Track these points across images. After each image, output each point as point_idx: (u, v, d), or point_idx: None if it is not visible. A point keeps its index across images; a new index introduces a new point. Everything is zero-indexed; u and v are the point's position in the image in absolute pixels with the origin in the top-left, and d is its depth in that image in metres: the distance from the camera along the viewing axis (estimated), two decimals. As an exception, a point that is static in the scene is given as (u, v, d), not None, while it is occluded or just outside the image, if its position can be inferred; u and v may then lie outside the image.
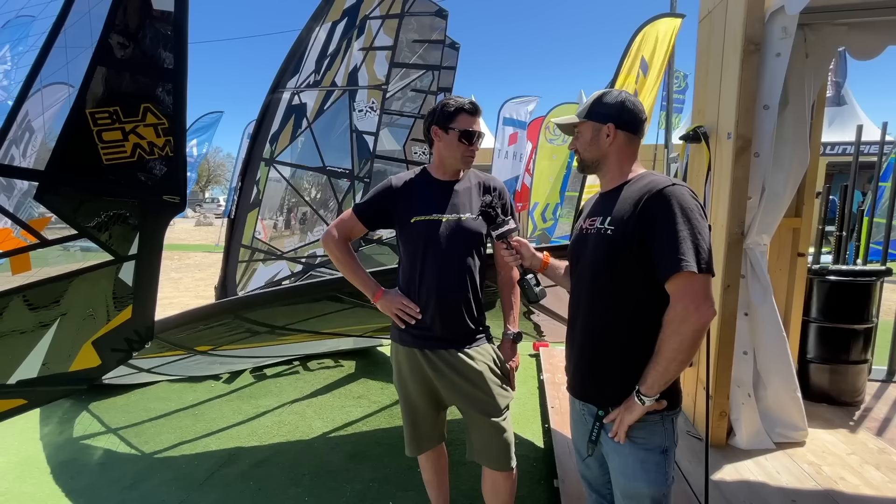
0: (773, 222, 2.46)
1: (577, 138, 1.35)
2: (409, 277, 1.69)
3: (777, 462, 2.34)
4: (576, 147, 1.36)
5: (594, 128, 1.30)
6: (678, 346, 1.13)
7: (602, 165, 1.33)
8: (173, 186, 1.50)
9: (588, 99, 1.35)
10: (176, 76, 1.46)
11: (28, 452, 2.72)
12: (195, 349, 2.82)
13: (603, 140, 1.29)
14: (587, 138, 1.32)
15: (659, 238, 1.15)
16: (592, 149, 1.32)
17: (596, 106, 1.31)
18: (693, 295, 1.12)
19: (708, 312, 1.12)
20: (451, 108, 1.65)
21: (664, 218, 1.15)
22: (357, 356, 4.38)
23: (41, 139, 1.56)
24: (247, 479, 2.46)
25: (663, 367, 1.15)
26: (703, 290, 1.13)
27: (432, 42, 4.71)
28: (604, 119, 1.29)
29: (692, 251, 1.12)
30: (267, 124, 4.08)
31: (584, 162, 1.36)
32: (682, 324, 1.12)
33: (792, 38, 2.16)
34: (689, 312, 1.11)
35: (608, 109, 1.29)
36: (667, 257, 1.13)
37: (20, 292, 1.46)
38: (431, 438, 1.84)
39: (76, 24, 1.40)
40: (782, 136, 2.41)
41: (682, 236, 1.13)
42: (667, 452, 1.23)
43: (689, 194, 1.18)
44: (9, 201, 1.67)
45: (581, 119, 1.32)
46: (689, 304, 1.12)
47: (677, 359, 1.14)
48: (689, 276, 1.11)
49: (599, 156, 1.31)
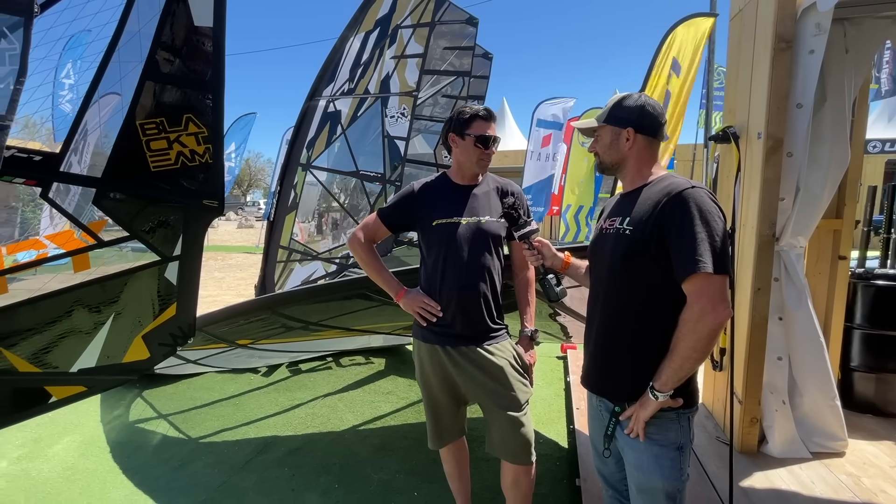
0: (810, 224, 2.38)
1: (596, 141, 1.39)
2: (430, 277, 1.76)
3: (812, 471, 2.26)
4: (595, 150, 1.40)
5: (613, 132, 1.34)
6: (693, 344, 1.16)
7: (621, 168, 1.36)
8: (213, 191, 1.60)
9: (608, 102, 1.37)
10: (215, 87, 1.57)
11: (92, 433, 2.99)
12: (236, 342, 3.02)
13: (622, 144, 1.33)
14: (606, 142, 1.35)
15: (677, 239, 1.18)
16: (612, 152, 1.35)
17: (615, 110, 1.34)
18: (710, 295, 1.15)
19: (724, 313, 1.15)
20: (467, 116, 1.73)
21: (682, 220, 1.18)
22: (386, 354, 4.51)
23: (94, 146, 1.68)
24: (282, 466, 2.62)
25: (678, 365, 1.18)
26: (719, 291, 1.15)
27: (462, 49, 4.80)
28: (623, 123, 1.32)
29: (709, 252, 1.14)
30: (304, 131, 4.28)
31: (603, 164, 1.39)
32: (697, 323, 1.15)
33: (826, 34, 2.10)
34: (705, 312, 1.14)
35: (627, 113, 1.32)
36: (684, 258, 1.16)
37: (81, 289, 1.60)
38: (452, 432, 1.90)
39: (128, 43, 1.53)
40: (819, 135, 2.33)
41: (700, 238, 1.15)
42: (682, 449, 1.25)
43: (707, 197, 1.20)
44: (66, 203, 1.83)
45: (600, 123, 1.36)
46: (705, 304, 1.14)
47: (692, 357, 1.17)
48: (705, 276, 1.14)
49: (619, 159, 1.35)
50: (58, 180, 1.50)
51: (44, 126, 4.16)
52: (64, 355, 1.61)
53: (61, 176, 1.49)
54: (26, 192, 4.64)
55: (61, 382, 1.64)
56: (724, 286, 1.16)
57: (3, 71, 1.23)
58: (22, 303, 1.54)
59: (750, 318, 2.34)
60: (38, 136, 3.31)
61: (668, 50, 5.33)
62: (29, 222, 5.00)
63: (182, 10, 1.51)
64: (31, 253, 1.90)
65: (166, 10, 1.50)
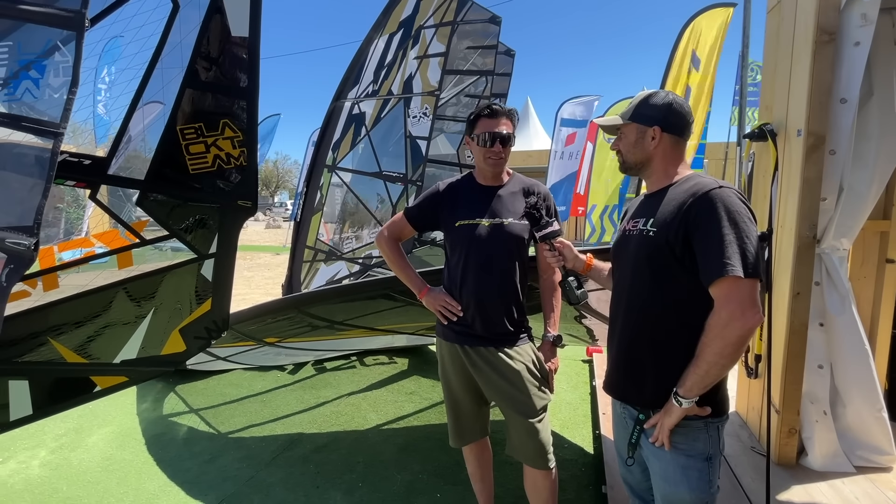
0: (854, 225, 2.26)
1: (620, 139, 1.35)
2: (452, 277, 1.76)
3: (856, 487, 2.14)
4: (619, 148, 1.35)
5: (638, 130, 1.30)
6: (720, 350, 1.11)
7: (646, 168, 1.32)
8: (247, 192, 1.67)
9: (634, 99, 1.34)
10: (249, 94, 1.63)
11: (128, 425, 3.12)
12: (264, 340, 3.09)
13: (648, 142, 1.29)
14: (631, 140, 1.31)
15: (704, 241, 1.14)
16: (636, 151, 1.31)
17: (641, 107, 1.30)
18: (739, 300, 1.09)
19: (754, 318, 1.09)
20: (473, 116, 1.73)
21: (709, 221, 1.13)
22: (410, 354, 4.53)
23: (134, 150, 1.78)
24: (307, 463, 2.66)
25: (704, 371, 1.13)
26: (749, 296, 1.10)
27: (485, 48, 4.78)
28: (649, 121, 1.28)
29: (738, 255, 1.09)
30: (330, 133, 4.35)
31: (626, 164, 1.35)
32: (725, 328, 1.10)
33: (873, 25, 1.99)
34: (734, 318, 1.09)
35: (654, 111, 1.28)
36: (712, 261, 1.11)
37: (125, 284, 1.69)
38: (474, 431, 1.89)
39: (170, 53, 1.62)
40: (865, 132, 2.21)
41: (728, 240, 1.10)
42: (711, 460, 1.20)
43: (736, 197, 1.16)
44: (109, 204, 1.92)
45: (625, 120, 1.32)
46: (734, 310, 1.09)
47: (719, 363, 1.12)
48: (734, 280, 1.09)
49: (644, 158, 1.31)
50: (105, 183, 1.58)
51: (86, 131, 4.36)
52: (108, 347, 1.70)
53: (109, 178, 1.57)
54: (71, 194, 4.87)
55: (105, 373, 1.73)
56: (755, 290, 1.10)
57: (58, 82, 1.31)
58: (71, 297, 1.63)
59: (788, 323, 2.24)
60: (82, 140, 3.47)
61: (687, 44, 5.16)
62: (73, 222, 5.25)
63: (220, 22, 1.58)
64: (79, 251, 2.00)
65: (206, 21, 1.57)
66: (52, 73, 1.33)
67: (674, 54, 5.00)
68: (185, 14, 1.61)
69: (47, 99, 1.31)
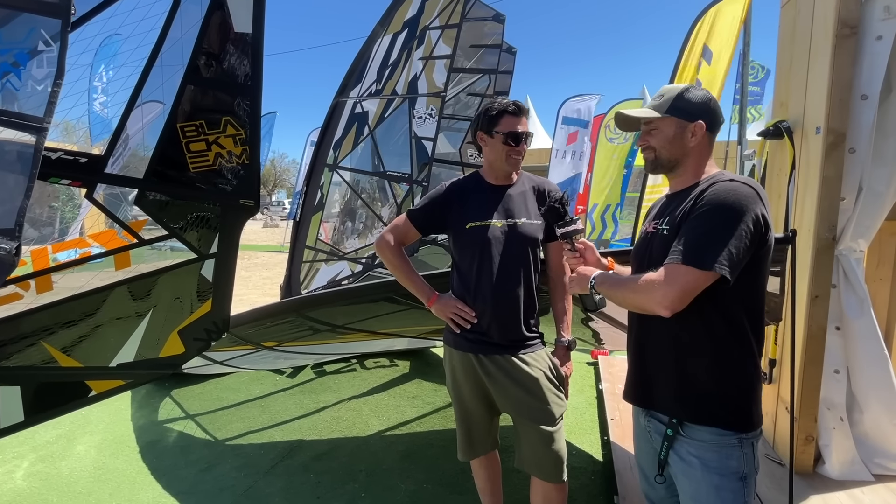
0: (872, 226, 2.19)
1: (652, 135, 1.24)
2: (464, 282, 1.68)
3: (876, 496, 2.07)
4: (649, 143, 1.25)
5: (678, 125, 1.21)
6: (625, 297, 1.19)
7: (679, 165, 1.24)
8: (249, 191, 1.62)
9: (666, 92, 1.25)
10: (252, 91, 1.58)
11: (121, 432, 3.02)
12: (262, 344, 3.00)
13: (687, 138, 1.21)
14: (668, 135, 1.22)
15: (685, 228, 1.11)
16: (674, 147, 1.22)
17: (680, 101, 1.21)
18: (681, 289, 1.07)
19: (663, 310, 1.08)
20: (494, 112, 1.63)
21: (699, 211, 1.10)
22: (411, 357, 4.45)
23: (132, 149, 1.74)
24: (308, 471, 2.58)
25: (611, 288, 1.23)
26: (683, 285, 1.06)
27: (489, 47, 4.70)
28: (691, 117, 1.21)
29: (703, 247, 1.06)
30: (331, 132, 4.26)
31: (658, 161, 1.25)
32: (642, 291, 1.12)
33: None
34: (655, 291, 1.09)
35: (695, 107, 1.21)
36: (680, 244, 1.09)
37: (122, 285, 1.63)
38: (485, 444, 1.82)
39: (170, 49, 1.57)
40: (884, 129, 2.14)
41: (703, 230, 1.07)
42: (746, 479, 1.13)
43: (740, 191, 1.09)
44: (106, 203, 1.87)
45: (662, 114, 1.22)
46: (670, 293, 1.07)
47: (617, 298, 1.21)
48: (681, 265, 1.07)
49: (680, 155, 1.23)
50: (102, 181, 1.53)
51: (81, 128, 4.25)
52: (104, 350, 1.65)
53: (105, 177, 1.53)
54: (66, 193, 4.77)
55: (101, 377, 1.67)
56: (695, 285, 1.06)
57: (42, 73, 1.25)
58: (65, 299, 1.58)
59: (806, 327, 2.17)
60: (76, 138, 3.38)
61: (699, 36, 5.05)
62: (68, 222, 5.14)
63: (222, 17, 1.54)
64: (75, 252, 1.95)
65: (207, 17, 1.53)
66: (36, 64, 1.27)
67: (685, 46, 4.86)
68: (185, 9, 1.57)
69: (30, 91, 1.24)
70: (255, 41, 1.57)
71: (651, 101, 1.26)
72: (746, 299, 1.12)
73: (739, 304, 1.10)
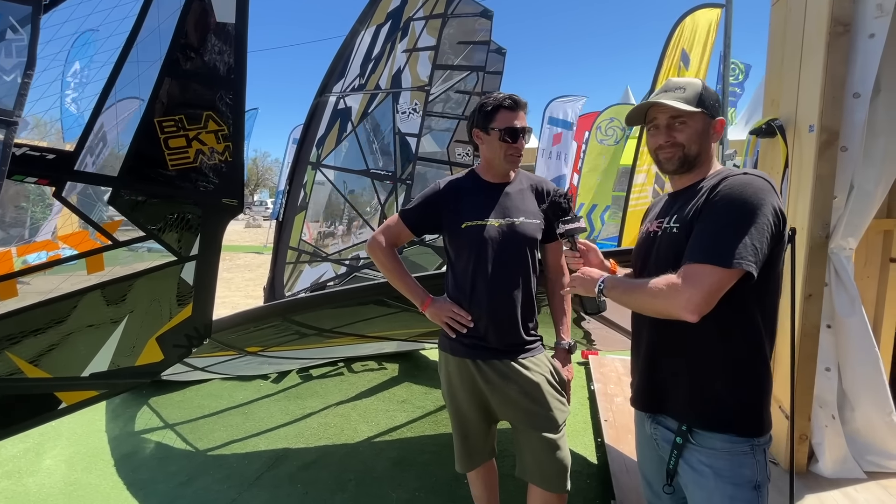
0: (861, 224, 2.20)
1: (679, 129, 1.16)
2: (460, 285, 1.62)
3: (870, 494, 2.08)
4: (676, 140, 1.16)
5: (705, 120, 1.16)
6: (643, 303, 1.11)
7: (698, 164, 1.19)
8: (232, 190, 1.55)
9: (688, 86, 1.18)
10: (235, 85, 1.51)
11: (94, 444, 2.87)
12: (246, 350, 2.88)
13: (711, 135, 1.18)
14: (698, 130, 1.16)
15: (700, 225, 1.06)
16: (702, 143, 1.17)
17: (705, 96, 1.16)
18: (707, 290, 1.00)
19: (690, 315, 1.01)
20: (490, 107, 1.56)
21: (713, 206, 1.05)
22: (400, 359, 4.37)
23: (111, 148, 1.65)
24: (294, 482, 2.48)
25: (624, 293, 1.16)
26: (709, 287, 1.00)
27: (477, 43, 4.64)
28: (715, 113, 1.17)
29: (724, 244, 1.00)
30: (313, 129, 4.15)
31: (686, 157, 1.16)
32: (663, 296, 1.04)
33: (889, 15, 1.92)
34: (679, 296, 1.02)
35: (715, 104, 1.17)
36: (696, 243, 1.04)
37: (95, 290, 1.55)
38: (483, 454, 1.76)
39: (147, 39, 1.48)
40: (873, 129, 2.15)
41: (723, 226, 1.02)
42: (760, 489, 1.09)
43: (756, 184, 1.04)
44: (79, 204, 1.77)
45: (694, 108, 1.15)
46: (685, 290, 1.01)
47: (633, 304, 1.16)
48: (704, 265, 1.01)
49: (702, 151, 1.18)
50: (72, 179, 1.45)
51: (53, 125, 4.07)
52: (75, 359, 1.57)
53: (76, 175, 1.45)
54: (36, 192, 4.56)
55: (72, 388, 1.60)
56: (720, 286, 1.01)
57: (10, 63, 1.17)
58: (32, 306, 1.50)
59: (800, 326, 2.16)
60: (48, 135, 3.22)
61: (678, 42, 5.24)
62: (38, 222, 4.91)
63: (203, 6, 1.47)
64: (43, 254, 1.84)
65: (187, 5, 1.45)
66: (4, 53, 1.18)
67: (665, 51, 5.01)
68: (164, -4, 1.48)
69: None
70: (238, 32, 1.49)
71: (669, 94, 1.17)
72: (761, 298, 1.08)
73: (754, 303, 1.06)
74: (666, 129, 1.17)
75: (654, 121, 1.20)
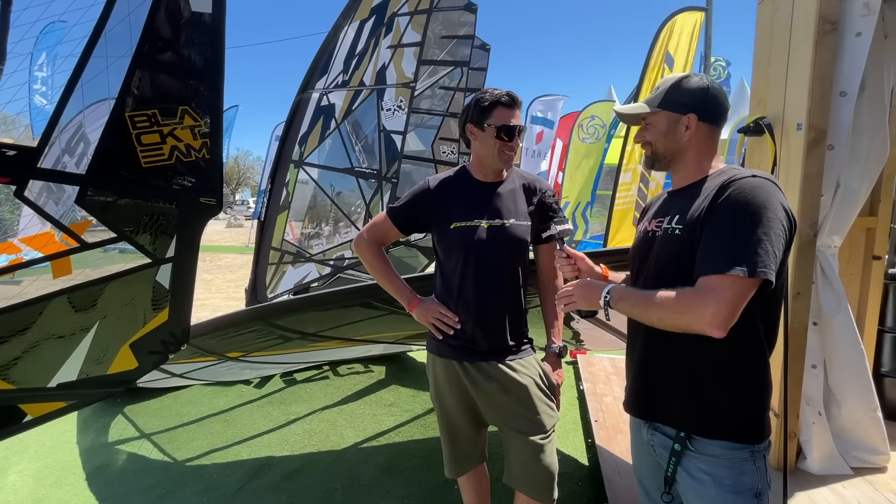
0: (846, 222, 2.22)
1: (647, 129, 1.19)
2: (448, 286, 1.57)
3: (857, 490, 2.10)
4: (645, 139, 1.19)
5: (670, 118, 1.14)
6: (662, 318, 1.02)
7: (677, 161, 1.17)
8: (210, 188, 1.48)
9: (662, 84, 1.18)
10: (213, 78, 1.43)
11: (64, 457, 2.73)
12: (227, 355, 2.77)
13: (681, 132, 1.14)
14: (661, 129, 1.16)
15: (710, 231, 1.01)
16: (668, 142, 1.16)
17: (673, 93, 1.14)
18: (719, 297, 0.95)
19: (716, 330, 0.95)
20: (486, 103, 1.51)
21: (725, 210, 1.00)
22: (387, 361, 4.29)
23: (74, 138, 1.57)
24: (278, 492, 2.39)
25: (637, 310, 1.07)
26: (732, 298, 0.95)
27: (461, 38, 4.59)
28: (683, 109, 1.13)
29: (743, 251, 0.95)
30: (296, 126, 4.05)
31: (655, 156, 1.19)
32: (685, 311, 0.97)
33: (876, 14, 1.93)
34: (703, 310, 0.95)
35: (688, 98, 1.13)
36: (710, 252, 0.99)
37: (60, 296, 1.45)
38: (472, 458, 1.71)
39: (116, 28, 1.39)
40: (858, 127, 2.16)
41: (738, 232, 0.97)
42: (760, 496, 1.06)
43: (767, 188, 1.01)
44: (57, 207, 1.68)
45: (653, 108, 1.16)
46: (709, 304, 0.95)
47: (648, 318, 1.05)
48: (726, 276, 0.95)
49: (675, 150, 1.16)
50: (35, 177, 1.36)
51: (20, 121, 3.86)
52: (41, 369, 1.47)
53: (39, 173, 1.35)
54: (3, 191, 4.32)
55: (38, 399, 1.50)
56: (743, 296, 0.96)
57: None
58: None
59: (788, 324, 2.16)
60: (14, 131, 3.05)
61: (663, 44, 5.35)
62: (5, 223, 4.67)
63: None
64: (4, 258, 1.72)
65: None
66: None
67: (651, 53, 5.06)
68: (135, -18, 1.40)
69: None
70: (215, 21, 1.41)
71: (649, 95, 1.20)
72: (764, 303, 1.04)
73: (757, 307, 1.03)
74: (640, 129, 1.21)
75: None
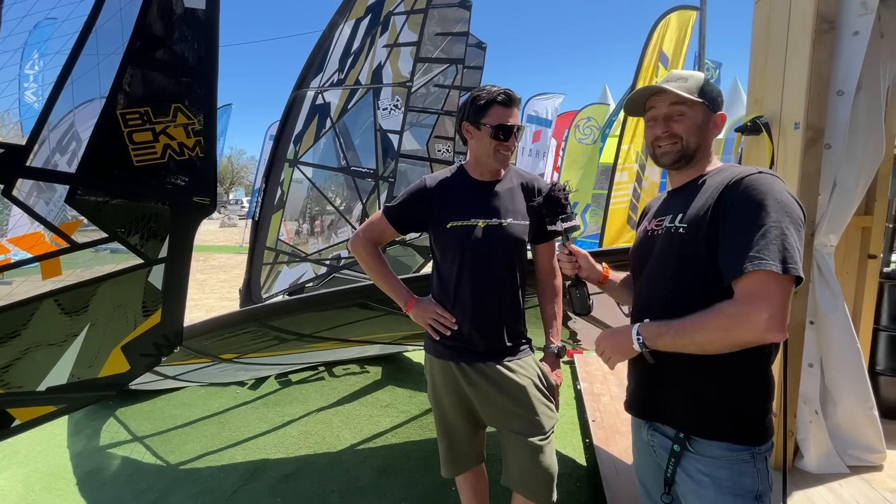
0: (842, 221, 2.22)
1: (677, 121, 1.11)
2: (444, 286, 1.55)
3: (854, 488, 2.10)
4: (673, 131, 1.11)
5: (705, 112, 1.12)
6: (712, 340, 0.95)
7: (694, 159, 1.14)
8: (204, 187, 1.45)
9: (690, 76, 1.13)
10: (207, 75, 1.41)
11: (54, 461, 2.68)
12: (221, 357, 2.74)
13: (710, 130, 1.13)
14: (697, 122, 1.11)
15: (733, 229, 0.97)
16: (701, 137, 1.12)
17: (708, 89, 1.11)
18: (779, 303, 0.90)
19: (779, 334, 0.91)
20: (483, 101, 1.48)
21: (743, 208, 0.97)
22: (383, 362, 4.27)
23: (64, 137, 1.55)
24: (274, 495, 2.36)
25: (680, 342, 0.99)
26: (784, 300, 0.92)
27: (455, 35, 4.57)
28: (716, 106, 1.12)
29: (776, 247, 0.91)
30: (290, 125, 4.01)
31: (685, 151, 1.12)
32: (737, 324, 0.92)
33: (873, 14, 1.93)
34: (757, 317, 0.89)
35: (717, 97, 1.12)
36: (739, 252, 0.94)
37: (50, 297, 1.42)
38: (469, 459, 1.69)
39: (106, 25, 1.36)
40: (854, 126, 2.17)
41: (767, 228, 0.93)
42: (761, 498, 1.04)
43: (780, 183, 0.99)
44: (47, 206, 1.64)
45: (695, 97, 1.09)
46: (761, 310, 0.89)
47: (698, 345, 0.98)
48: (767, 275, 0.91)
49: (701, 147, 1.13)
50: (23, 176, 1.34)
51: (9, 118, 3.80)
52: (30, 373, 1.45)
53: (28, 171, 1.33)
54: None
55: (27, 403, 1.48)
56: (789, 294, 0.93)
57: None
58: None
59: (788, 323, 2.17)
60: (3, 129, 2.99)
61: (658, 43, 5.38)
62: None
63: None
64: None
65: None
66: None
67: (645, 52, 5.08)
68: (127, -23, 1.37)
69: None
70: (208, 17, 1.39)
71: (672, 84, 1.12)
72: None
73: None
74: (664, 120, 1.13)
75: (652, 110, 1.15)
